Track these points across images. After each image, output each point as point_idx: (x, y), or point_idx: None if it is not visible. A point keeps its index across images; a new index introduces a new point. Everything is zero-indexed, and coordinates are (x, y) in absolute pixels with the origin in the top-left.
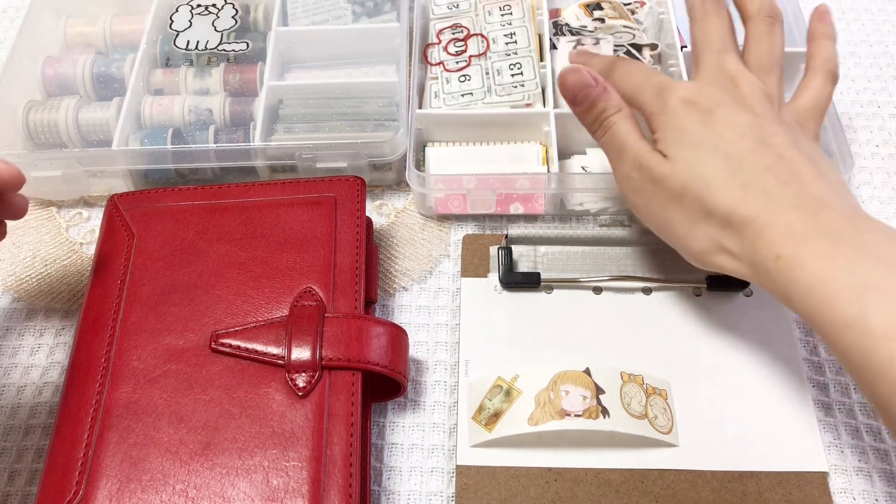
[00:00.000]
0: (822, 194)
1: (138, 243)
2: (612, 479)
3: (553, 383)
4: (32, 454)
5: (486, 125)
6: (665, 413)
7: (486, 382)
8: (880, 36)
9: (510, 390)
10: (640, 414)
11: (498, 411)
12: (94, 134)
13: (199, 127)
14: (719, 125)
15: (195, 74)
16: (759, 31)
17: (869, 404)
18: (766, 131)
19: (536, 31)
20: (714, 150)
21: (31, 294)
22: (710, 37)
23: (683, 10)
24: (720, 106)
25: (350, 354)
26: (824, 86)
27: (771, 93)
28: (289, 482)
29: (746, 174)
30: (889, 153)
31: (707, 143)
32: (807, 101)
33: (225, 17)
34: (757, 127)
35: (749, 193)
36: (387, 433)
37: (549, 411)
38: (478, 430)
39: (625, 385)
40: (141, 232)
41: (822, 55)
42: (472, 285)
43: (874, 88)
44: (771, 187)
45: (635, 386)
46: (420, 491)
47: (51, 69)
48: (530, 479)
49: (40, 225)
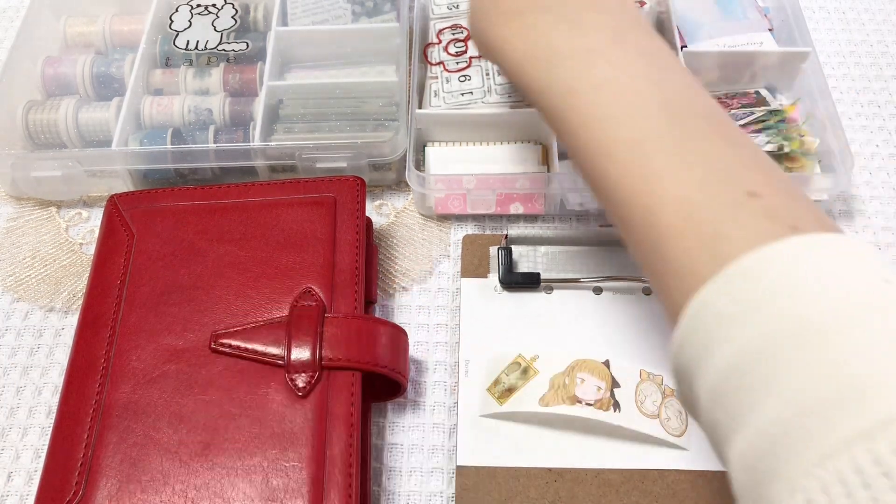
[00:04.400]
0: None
1: (138, 243)
2: (613, 480)
3: (570, 369)
4: (31, 454)
5: (486, 125)
6: (679, 416)
7: (507, 358)
8: (880, 36)
9: (527, 369)
10: (652, 413)
11: (512, 387)
12: (94, 134)
13: (199, 127)
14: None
15: (195, 74)
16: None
17: None
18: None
19: None
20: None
21: (31, 294)
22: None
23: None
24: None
25: (350, 355)
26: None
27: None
28: (288, 483)
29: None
30: (889, 153)
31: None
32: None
33: (224, 16)
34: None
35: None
36: (387, 433)
37: (562, 395)
38: (490, 402)
39: (642, 383)
40: (141, 232)
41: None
42: (471, 285)
43: (874, 88)
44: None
45: (653, 385)
46: (420, 491)
47: (50, 69)
48: (530, 479)
49: (40, 225)
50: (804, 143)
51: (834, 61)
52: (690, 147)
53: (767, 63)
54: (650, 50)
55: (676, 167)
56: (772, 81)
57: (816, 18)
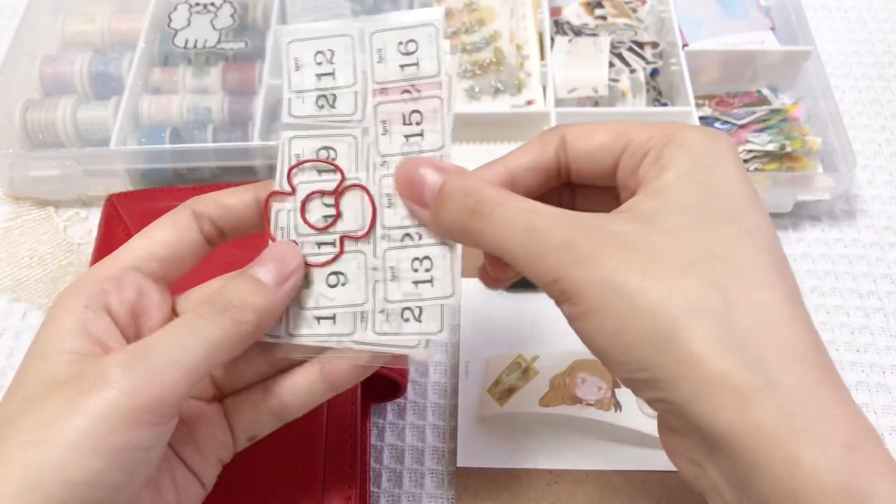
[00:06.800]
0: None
1: None
2: (613, 481)
3: (571, 369)
4: None
5: (486, 125)
6: None
7: (507, 358)
8: (883, 34)
9: (528, 369)
10: (653, 413)
11: (513, 387)
12: (92, 133)
13: (198, 126)
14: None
15: (193, 73)
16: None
17: (876, 406)
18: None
19: (537, 29)
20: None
21: (29, 294)
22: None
23: (685, 7)
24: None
25: None
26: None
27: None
28: (288, 484)
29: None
30: (891, 152)
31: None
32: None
33: (223, 15)
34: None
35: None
36: (386, 435)
37: (562, 395)
38: (490, 403)
39: None
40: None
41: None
42: (472, 286)
43: (877, 87)
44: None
45: None
46: (420, 493)
47: (48, 68)
48: (531, 481)
49: (38, 225)
50: (806, 143)
51: (836, 60)
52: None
53: (769, 62)
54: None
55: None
56: (773, 80)
57: (818, 17)
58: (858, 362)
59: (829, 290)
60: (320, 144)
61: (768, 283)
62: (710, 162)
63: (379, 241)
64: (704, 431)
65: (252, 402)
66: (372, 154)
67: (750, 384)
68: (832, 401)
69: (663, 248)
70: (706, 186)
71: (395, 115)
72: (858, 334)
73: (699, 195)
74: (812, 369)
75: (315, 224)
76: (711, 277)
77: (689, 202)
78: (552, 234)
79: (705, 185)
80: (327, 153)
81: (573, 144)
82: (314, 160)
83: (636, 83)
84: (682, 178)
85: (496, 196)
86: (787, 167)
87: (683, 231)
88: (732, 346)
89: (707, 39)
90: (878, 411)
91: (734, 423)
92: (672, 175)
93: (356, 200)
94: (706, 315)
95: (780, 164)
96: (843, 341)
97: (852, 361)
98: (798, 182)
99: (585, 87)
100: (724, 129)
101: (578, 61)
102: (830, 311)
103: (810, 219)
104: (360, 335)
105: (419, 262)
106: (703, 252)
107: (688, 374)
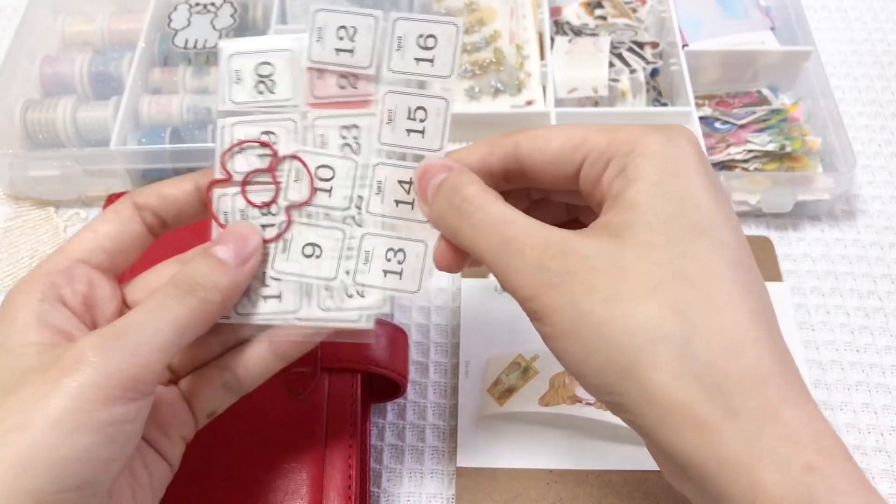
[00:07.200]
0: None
1: None
2: (613, 481)
3: None
4: None
5: (486, 125)
6: None
7: (507, 358)
8: (882, 34)
9: (527, 368)
10: None
11: (512, 387)
12: (92, 133)
13: (198, 126)
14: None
15: (193, 73)
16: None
17: (876, 406)
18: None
19: (537, 29)
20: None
21: None
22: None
23: (685, 7)
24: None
25: (349, 355)
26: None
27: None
28: (288, 484)
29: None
30: (891, 152)
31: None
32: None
33: (223, 15)
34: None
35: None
36: (386, 434)
37: (562, 395)
38: (490, 403)
39: None
40: None
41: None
42: (472, 286)
43: (877, 87)
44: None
45: None
46: (420, 493)
47: (48, 68)
48: (531, 480)
49: (38, 225)
50: (806, 143)
51: (836, 60)
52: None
53: (769, 62)
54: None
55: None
56: (773, 80)
57: (818, 17)
58: (858, 362)
59: (829, 290)
60: (261, 129)
61: (733, 303)
62: (675, 168)
63: (360, 224)
64: (671, 457)
65: (208, 380)
66: (372, 139)
67: (710, 414)
68: (796, 420)
69: (630, 269)
70: (674, 198)
71: (401, 107)
72: (858, 334)
73: (669, 208)
74: (776, 390)
75: (258, 203)
76: (675, 301)
77: (659, 215)
78: (526, 251)
79: (673, 197)
80: (268, 137)
81: (530, 154)
82: (249, 140)
83: (636, 83)
84: (649, 189)
85: (477, 198)
86: (787, 167)
87: (654, 248)
88: (693, 375)
89: (707, 39)
90: (878, 411)
91: (697, 451)
92: (639, 187)
93: (294, 172)
94: (668, 344)
95: (780, 164)
96: (843, 341)
97: (852, 361)
98: (798, 182)
99: (585, 88)
100: (724, 129)
101: (578, 61)
102: (830, 311)
103: (810, 219)
104: (304, 312)
105: (394, 252)
106: (670, 271)
107: (651, 402)
